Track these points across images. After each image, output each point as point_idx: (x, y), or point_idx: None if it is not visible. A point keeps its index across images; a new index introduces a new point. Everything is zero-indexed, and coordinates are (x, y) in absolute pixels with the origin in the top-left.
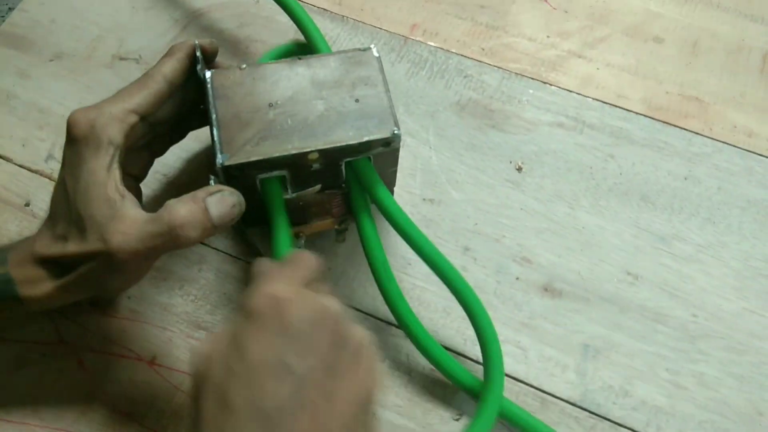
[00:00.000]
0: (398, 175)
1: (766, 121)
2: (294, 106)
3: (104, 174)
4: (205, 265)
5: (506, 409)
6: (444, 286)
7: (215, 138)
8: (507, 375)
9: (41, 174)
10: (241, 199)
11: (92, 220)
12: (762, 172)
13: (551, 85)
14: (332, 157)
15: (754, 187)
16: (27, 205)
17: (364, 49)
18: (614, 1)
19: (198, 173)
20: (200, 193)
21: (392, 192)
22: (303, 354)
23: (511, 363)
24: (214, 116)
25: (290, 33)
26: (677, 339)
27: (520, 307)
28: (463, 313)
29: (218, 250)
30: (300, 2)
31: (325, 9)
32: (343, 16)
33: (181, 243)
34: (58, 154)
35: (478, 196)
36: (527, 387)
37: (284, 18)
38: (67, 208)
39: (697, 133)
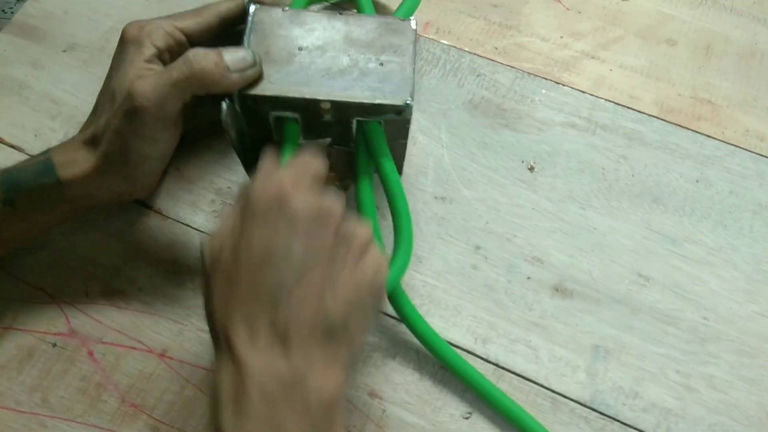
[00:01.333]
0: (410, 172)
1: None
2: (321, 55)
3: (141, 63)
4: None
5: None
6: (456, 285)
7: None
8: (517, 374)
9: None
10: (257, 58)
11: (121, 88)
12: None
13: (564, 85)
14: (343, 111)
15: (765, 191)
16: None
17: (404, 20)
18: (627, 3)
19: (211, 167)
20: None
21: (401, 166)
22: (306, 242)
23: (521, 362)
24: (246, 45)
25: None
26: (688, 341)
27: (530, 306)
28: (475, 311)
29: None
30: None
31: (340, 5)
32: (355, 11)
33: (195, 75)
34: None
35: (490, 194)
36: (538, 387)
37: None
38: (107, 95)
39: (710, 136)
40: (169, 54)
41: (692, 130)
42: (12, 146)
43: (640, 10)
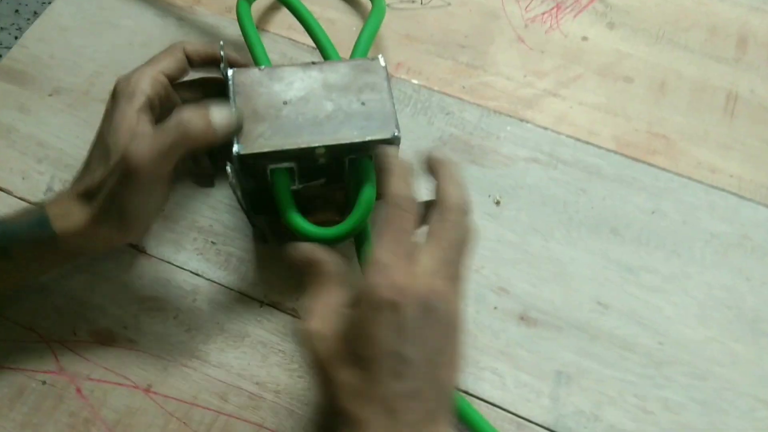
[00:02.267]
0: None
1: (729, 157)
2: (305, 105)
3: (133, 114)
4: (199, 295)
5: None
6: None
7: None
8: (484, 400)
9: None
10: (241, 113)
11: (116, 145)
12: (724, 206)
13: (527, 122)
14: (337, 153)
15: (716, 220)
16: None
17: (372, 59)
18: (587, 42)
19: (193, 206)
20: (203, 105)
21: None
22: (417, 345)
23: (488, 389)
24: (233, 110)
25: None
26: (644, 365)
27: (497, 335)
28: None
29: (212, 281)
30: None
31: (314, 47)
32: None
33: (187, 138)
34: (57, 186)
35: None
36: (504, 412)
37: (275, 56)
38: (101, 149)
39: (664, 169)
40: (158, 99)
41: (648, 164)
42: (0, 189)
43: (598, 49)
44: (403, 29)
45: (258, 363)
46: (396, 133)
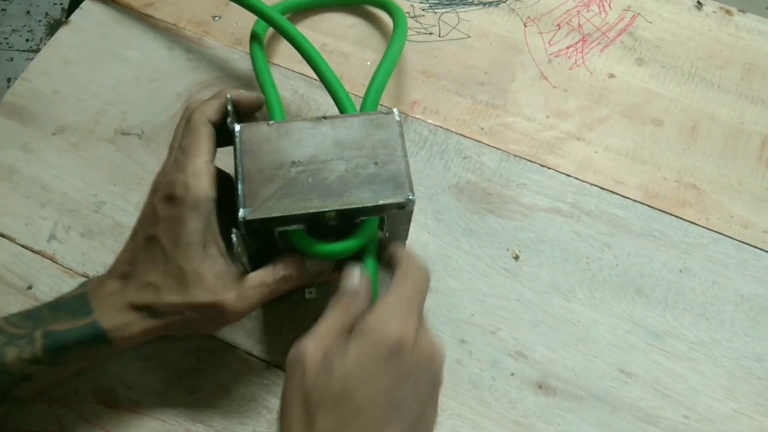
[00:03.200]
0: None
1: (762, 210)
2: (316, 165)
3: (205, 233)
4: (204, 354)
5: None
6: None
7: (239, 191)
8: None
9: (43, 255)
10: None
11: (197, 275)
12: (756, 266)
13: (549, 168)
14: (348, 215)
15: (748, 281)
16: (29, 288)
17: (387, 113)
18: (614, 80)
19: None
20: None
21: (404, 245)
22: (414, 396)
23: None
24: (240, 170)
25: (291, 108)
26: None
27: (514, 404)
28: (459, 410)
29: (215, 337)
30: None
31: None
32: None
33: (281, 291)
34: (60, 234)
35: (475, 285)
36: None
37: (285, 92)
38: (162, 260)
39: (694, 223)
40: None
41: (676, 217)
42: (2, 235)
43: (626, 87)
44: (419, 64)
45: (263, 429)
46: (410, 197)
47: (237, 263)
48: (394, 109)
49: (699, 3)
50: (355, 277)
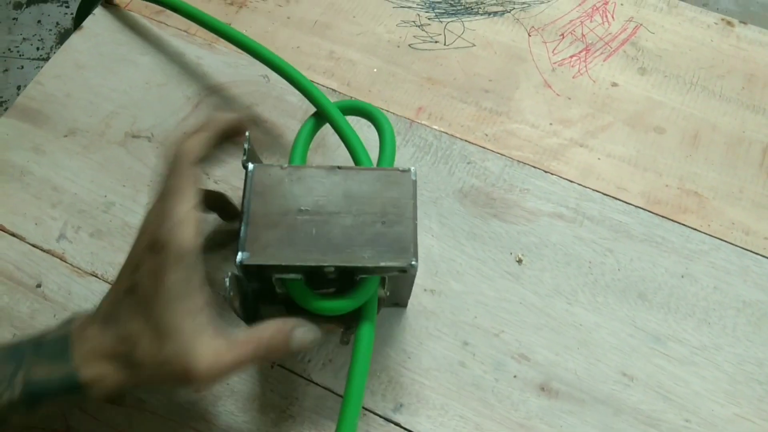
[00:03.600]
0: None
1: (764, 218)
2: (322, 216)
3: (188, 284)
4: None
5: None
6: (443, 383)
7: (242, 233)
8: None
9: (53, 254)
10: (319, 336)
11: (174, 330)
12: (758, 272)
13: (552, 174)
14: (348, 272)
15: (749, 287)
16: (38, 286)
17: (404, 170)
18: (617, 89)
19: None
20: (289, 323)
21: (406, 302)
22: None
23: None
24: (246, 212)
25: (299, 113)
26: None
27: (516, 406)
28: (462, 411)
29: None
30: (312, 83)
31: (334, 89)
32: (351, 97)
33: (261, 358)
34: (70, 233)
35: (478, 288)
36: None
37: (293, 98)
38: (143, 310)
39: (695, 229)
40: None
41: (679, 223)
42: (13, 234)
43: (629, 96)
44: (425, 71)
45: (268, 428)
46: (413, 262)
47: (229, 309)
48: (411, 168)
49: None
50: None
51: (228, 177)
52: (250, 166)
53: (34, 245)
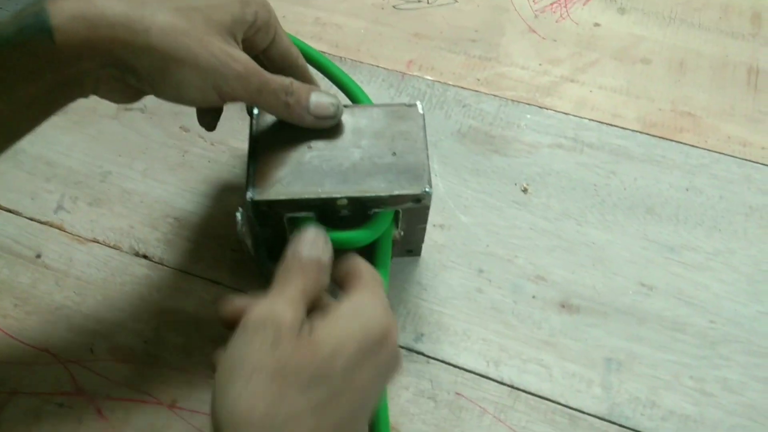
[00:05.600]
0: None
1: (758, 130)
2: (331, 151)
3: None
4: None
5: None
6: (463, 309)
7: (250, 171)
8: (532, 393)
9: (51, 225)
10: (340, 110)
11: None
12: (760, 179)
13: (547, 109)
14: (361, 205)
15: (754, 193)
16: (38, 256)
17: (410, 105)
18: (600, 29)
19: (209, 214)
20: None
21: (420, 248)
22: (378, 390)
23: (535, 382)
24: (252, 150)
25: None
26: (698, 346)
27: (539, 325)
28: (485, 334)
29: (232, 288)
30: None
31: (323, 51)
32: (341, 57)
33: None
34: (68, 204)
35: (488, 218)
36: (554, 404)
37: None
38: None
39: (694, 146)
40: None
41: (676, 141)
42: (8, 210)
43: (612, 34)
44: (411, 28)
45: None
46: (427, 189)
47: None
48: (417, 102)
49: None
50: (311, 239)
51: (226, 138)
52: (255, 109)
53: (31, 218)
